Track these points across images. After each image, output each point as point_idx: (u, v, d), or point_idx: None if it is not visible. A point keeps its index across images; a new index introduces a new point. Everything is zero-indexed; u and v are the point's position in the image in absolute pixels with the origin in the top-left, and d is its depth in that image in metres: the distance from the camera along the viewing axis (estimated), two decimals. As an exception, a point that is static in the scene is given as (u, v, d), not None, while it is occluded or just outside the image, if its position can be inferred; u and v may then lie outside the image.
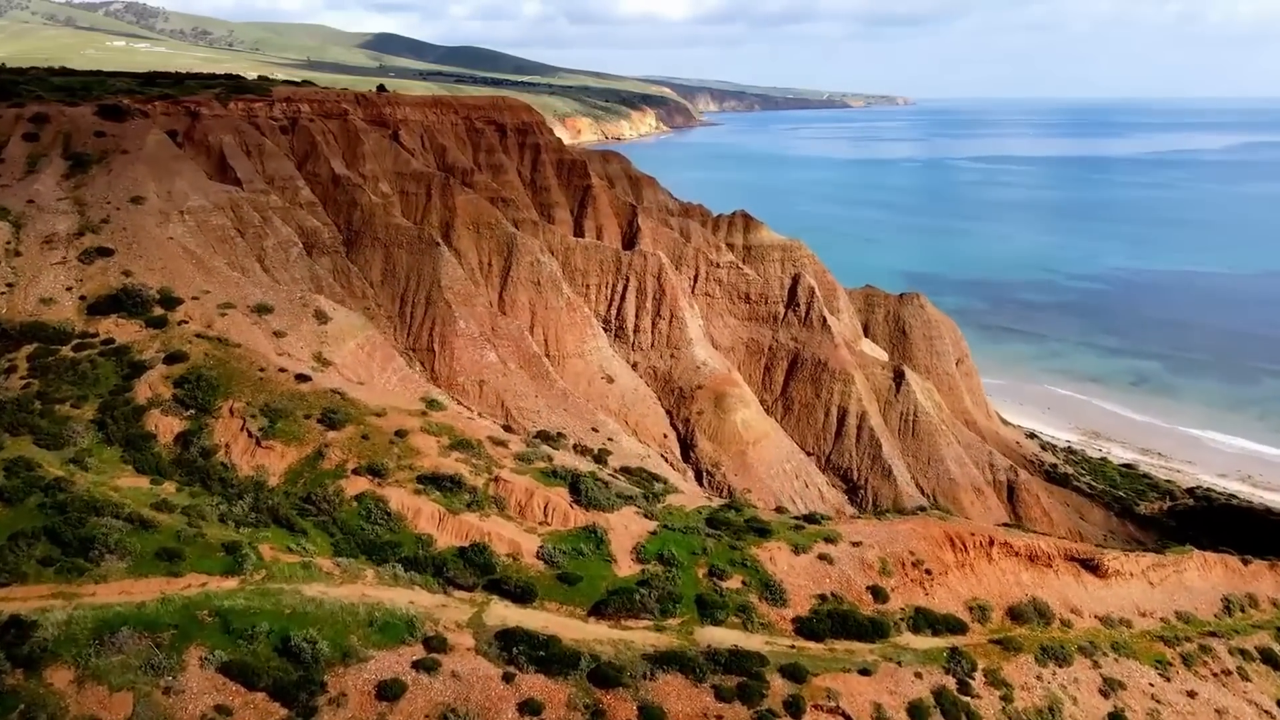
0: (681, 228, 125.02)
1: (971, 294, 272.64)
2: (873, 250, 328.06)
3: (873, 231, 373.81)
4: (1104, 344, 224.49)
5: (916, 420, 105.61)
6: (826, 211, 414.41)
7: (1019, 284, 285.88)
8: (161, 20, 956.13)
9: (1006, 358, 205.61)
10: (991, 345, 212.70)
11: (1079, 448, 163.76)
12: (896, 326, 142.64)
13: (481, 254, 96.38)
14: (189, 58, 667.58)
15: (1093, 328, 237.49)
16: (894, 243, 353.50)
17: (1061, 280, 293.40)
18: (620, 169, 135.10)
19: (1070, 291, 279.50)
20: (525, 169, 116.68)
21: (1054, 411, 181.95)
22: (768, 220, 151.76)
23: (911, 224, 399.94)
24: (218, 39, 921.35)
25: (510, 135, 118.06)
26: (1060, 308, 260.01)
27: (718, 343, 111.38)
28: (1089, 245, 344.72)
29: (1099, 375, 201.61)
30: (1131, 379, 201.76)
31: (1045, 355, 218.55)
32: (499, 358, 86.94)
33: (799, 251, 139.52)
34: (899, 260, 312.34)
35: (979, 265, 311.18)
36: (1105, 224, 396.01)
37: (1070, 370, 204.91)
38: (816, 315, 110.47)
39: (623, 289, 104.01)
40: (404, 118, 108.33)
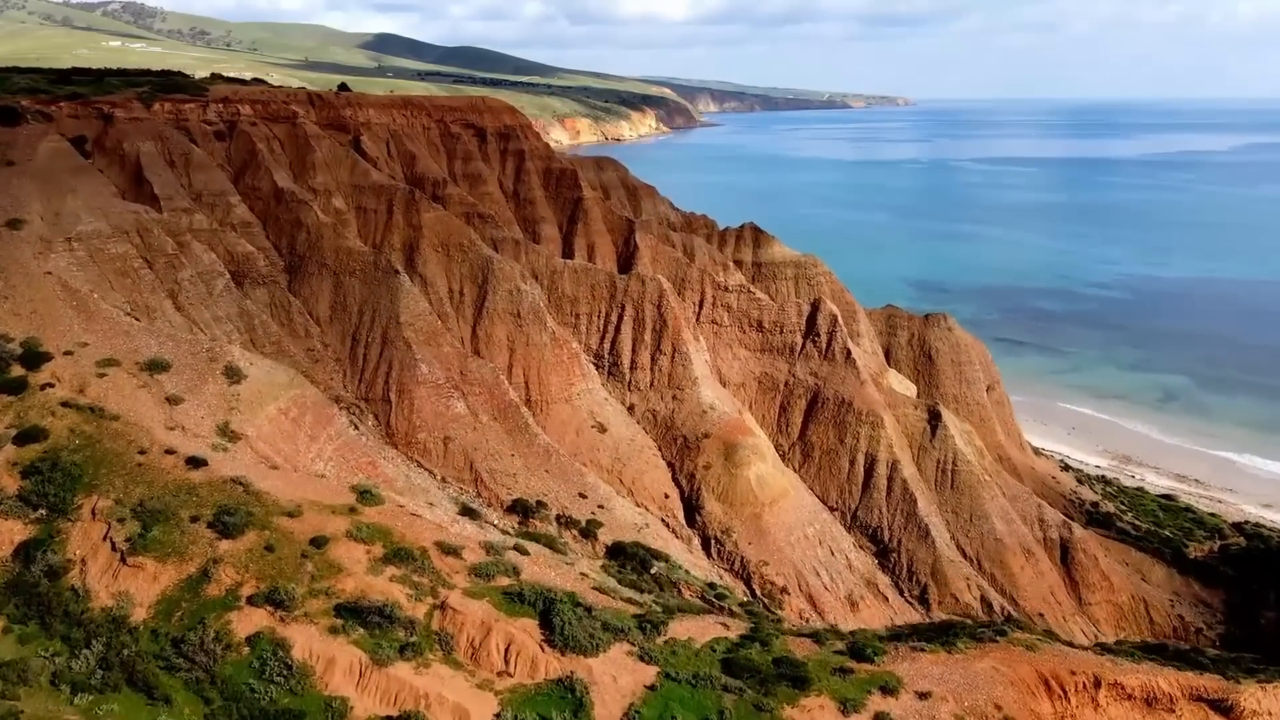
0: (685, 244, 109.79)
1: (984, 303, 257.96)
2: (879, 256, 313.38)
3: (878, 236, 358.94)
4: (1127, 357, 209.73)
5: (955, 469, 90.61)
6: (830, 215, 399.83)
7: (1033, 292, 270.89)
8: (159, 20, 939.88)
9: (1026, 373, 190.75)
10: (1009, 359, 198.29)
11: (1111, 475, 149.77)
12: (921, 351, 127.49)
13: (452, 281, 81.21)
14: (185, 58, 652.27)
15: (1113, 339, 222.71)
16: (900, 248, 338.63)
17: (1077, 288, 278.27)
18: (616, 177, 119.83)
19: (1087, 300, 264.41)
20: (507, 179, 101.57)
21: (1080, 433, 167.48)
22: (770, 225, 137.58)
23: (917, 228, 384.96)
24: (215, 39, 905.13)
25: (491, 141, 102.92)
26: (1078, 318, 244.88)
27: (726, 378, 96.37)
28: (1101, 250, 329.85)
29: (1124, 392, 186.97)
30: (1158, 396, 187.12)
31: (1066, 370, 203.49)
32: (468, 408, 71.86)
33: (814, 269, 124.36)
34: (906, 267, 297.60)
35: (989, 272, 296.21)
36: (1116, 228, 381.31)
37: (1093, 387, 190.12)
38: (839, 347, 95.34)
39: (617, 319, 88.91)
40: (367, 121, 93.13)
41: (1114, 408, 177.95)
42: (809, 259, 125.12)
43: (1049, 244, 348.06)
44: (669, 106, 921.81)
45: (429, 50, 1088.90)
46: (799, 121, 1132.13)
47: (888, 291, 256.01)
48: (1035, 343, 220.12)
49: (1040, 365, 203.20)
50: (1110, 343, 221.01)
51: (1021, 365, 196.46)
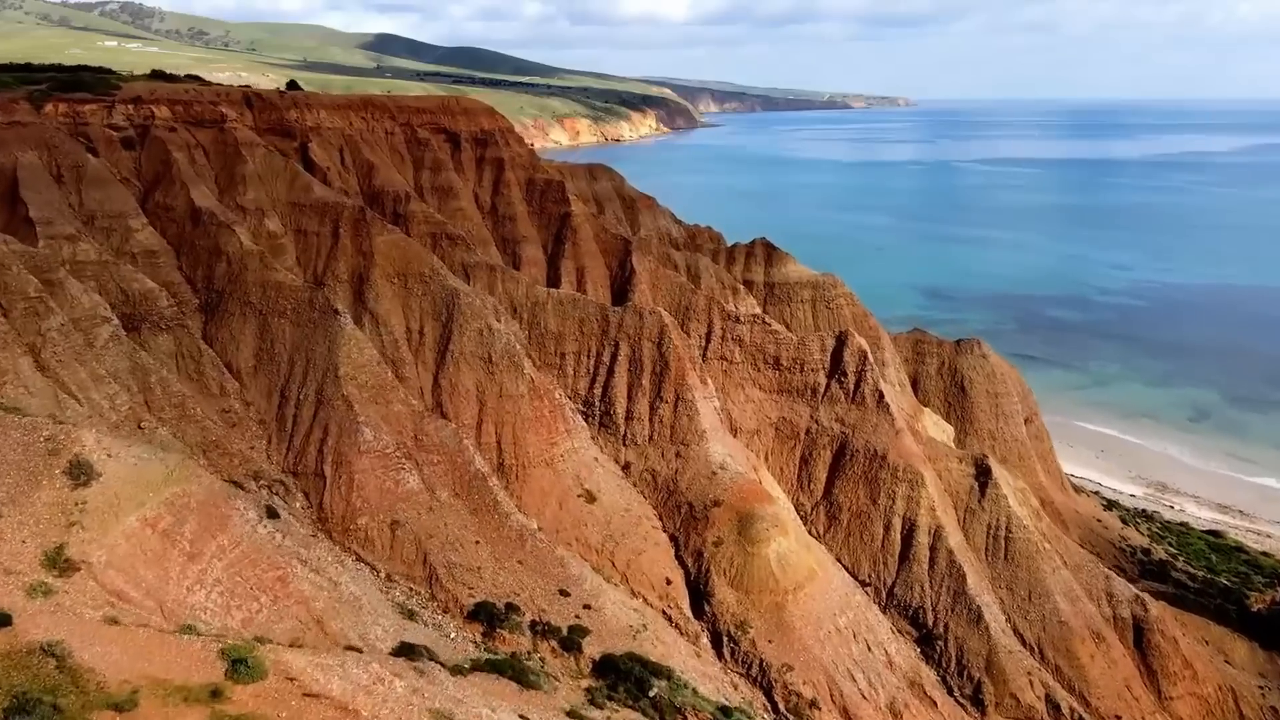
0: (689, 265, 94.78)
1: (996, 312, 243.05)
2: (883, 261, 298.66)
3: (882, 240, 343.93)
4: (1150, 372, 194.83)
5: (1010, 536, 75.70)
6: (832, 218, 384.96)
7: (1045, 300, 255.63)
8: (157, 20, 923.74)
9: (1045, 389, 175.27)
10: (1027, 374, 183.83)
11: (1150, 508, 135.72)
12: (953, 381, 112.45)
13: (410, 319, 66.16)
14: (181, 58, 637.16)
15: (1134, 352, 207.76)
16: (906, 252, 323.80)
17: (1090, 295, 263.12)
18: (610, 187, 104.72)
19: (1101, 309, 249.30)
20: (484, 192, 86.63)
21: (1108, 457, 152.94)
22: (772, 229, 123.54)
23: (922, 231, 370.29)
24: (214, 39, 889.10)
25: (465, 147, 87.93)
26: (1094, 328, 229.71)
27: (738, 424, 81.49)
28: (1113, 255, 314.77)
29: (1151, 410, 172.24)
30: (1189, 414, 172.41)
31: (1087, 385, 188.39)
32: (423, 482, 56.98)
33: (834, 290, 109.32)
34: (912, 273, 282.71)
35: (998, 278, 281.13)
36: (1125, 231, 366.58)
37: (1117, 404, 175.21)
38: (869, 388, 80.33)
39: (610, 360, 73.93)
40: (317, 125, 78.16)
41: (1142, 428, 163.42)
42: (828, 279, 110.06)
43: (1058, 248, 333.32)
44: (669, 107, 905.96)
45: (429, 51, 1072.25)
46: (800, 122, 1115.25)
47: (895, 300, 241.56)
48: (1053, 356, 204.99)
49: (1060, 381, 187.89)
50: (1130, 355, 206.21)
51: (1041, 381, 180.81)
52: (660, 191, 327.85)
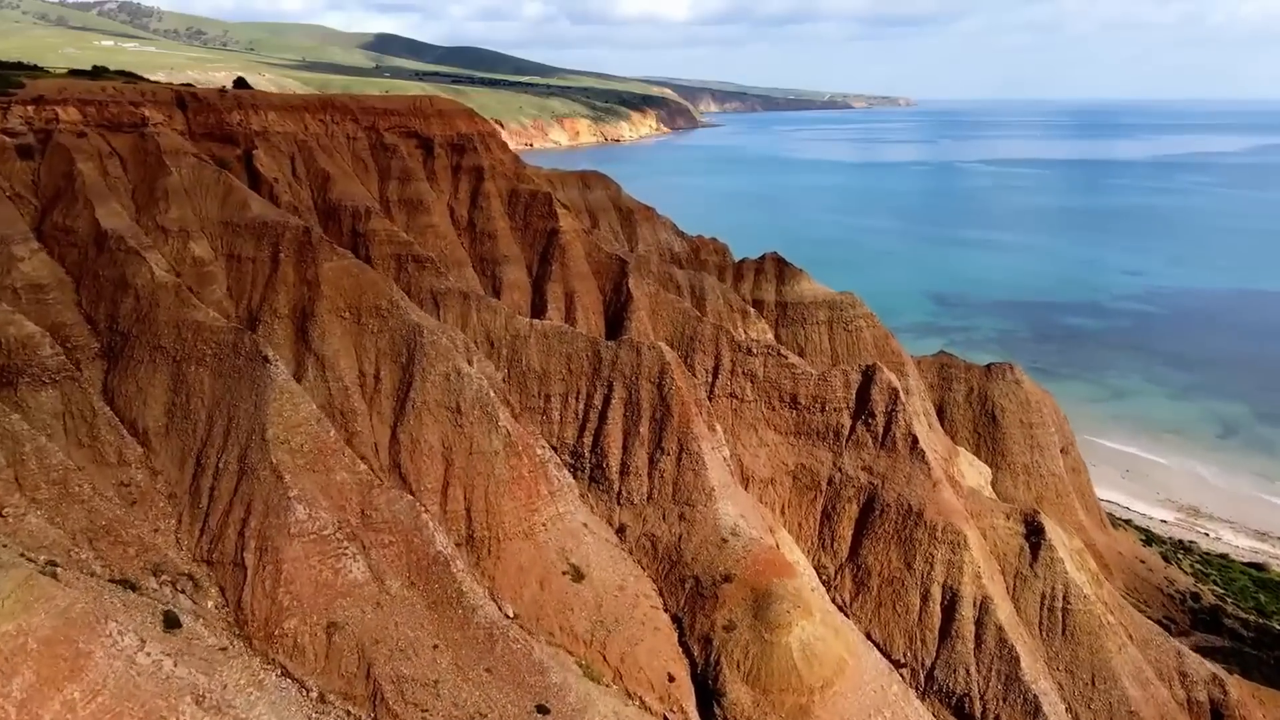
0: (693, 286, 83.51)
1: (1008, 319, 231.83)
2: (889, 266, 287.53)
3: (887, 244, 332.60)
4: (1172, 383, 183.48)
5: (1068, 609, 64.60)
6: (835, 220, 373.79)
7: (1060, 307, 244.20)
8: (155, 20, 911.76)
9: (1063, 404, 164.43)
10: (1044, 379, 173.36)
11: (1185, 536, 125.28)
12: (983, 410, 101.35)
13: (364, 361, 54.98)
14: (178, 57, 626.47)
15: (1154, 362, 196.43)
16: (912, 256, 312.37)
17: (1105, 302, 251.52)
18: (606, 197, 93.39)
19: (1117, 316, 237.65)
20: (461, 205, 75.37)
21: (1134, 478, 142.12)
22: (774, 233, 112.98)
23: (928, 234, 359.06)
24: (212, 39, 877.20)
25: (440, 154, 76.70)
26: (1111, 337, 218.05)
27: (750, 472, 70.42)
28: (1125, 259, 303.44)
29: (1177, 425, 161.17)
30: (1217, 430, 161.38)
31: (1107, 398, 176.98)
32: (370, 570, 45.91)
33: (852, 310, 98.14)
34: (920, 278, 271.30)
35: (1009, 284, 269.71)
36: (1136, 234, 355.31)
37: (1140, 419, 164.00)
38: (901, 432, 69.14)
39: (603, 403, 62.81)
40: (264, 130, 66.93)
41: (1168, 446, 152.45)
42: (845, 298, 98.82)
43: (1068, 251, 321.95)
44: (670, 107, 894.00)
45: (428, 51, 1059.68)
46: (800, 122, 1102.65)
47: (904, 307, 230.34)
48: (1069, 367, 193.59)
49: (1079, 395, 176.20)
50: (1150, 366, 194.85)
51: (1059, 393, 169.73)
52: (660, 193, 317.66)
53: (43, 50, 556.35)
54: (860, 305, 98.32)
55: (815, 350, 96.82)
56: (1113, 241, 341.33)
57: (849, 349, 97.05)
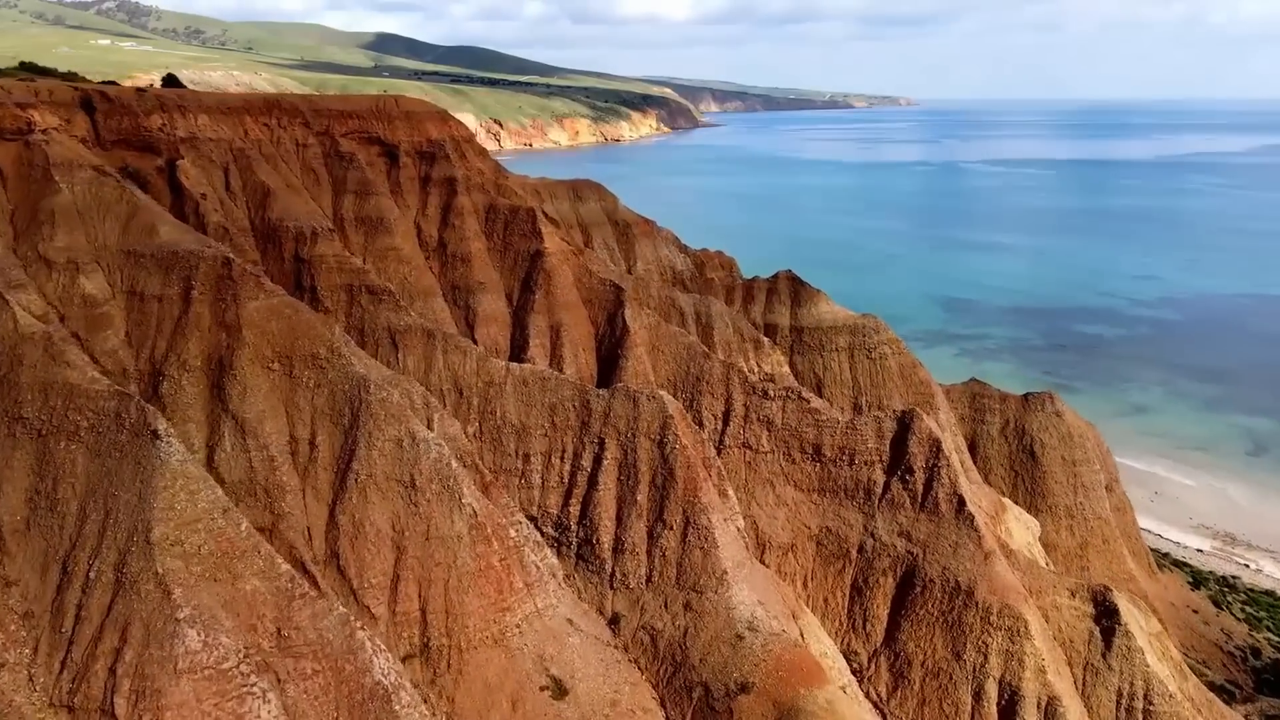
0: (699, 313, 72.42)
1: (1019, 327, 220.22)
2: (895, 269, 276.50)
3: (893, 246, 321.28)
4: (1196, 396, 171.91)
5: (1150, 709, 53.55)
6: (839, 222, 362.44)
7: (1073, 313, 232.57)
8: (154, 19, 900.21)
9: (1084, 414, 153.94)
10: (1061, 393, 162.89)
11: (1225, 569, 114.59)
12: (1020, 445, 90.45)
13: (296, 423, 43.99)
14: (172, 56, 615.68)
15: (1175, 373, 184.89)
16: (919, 260, 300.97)
17: (1122, 308, 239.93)
18: (600, 209, 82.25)
19: (1136, 323, 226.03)
20: (430, 223, 64.28)
21: (1164, 501, 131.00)
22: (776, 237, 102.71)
23: (934, 236, 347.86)
24: (210, 38, 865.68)
25: (406, 163, 65.64)
26: (1130, 346, 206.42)
27: (767, 537, 59.55)
28: (1140, 262, 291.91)
29: (1203, 441, 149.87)
30: (1246, 447, 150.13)
31: (1129, 413, 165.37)
32: (286, 714, 35.08)
33: (875, 336, 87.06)
34: (928, 282, 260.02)
35: (1020, 289, 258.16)
36: (1150, 236, 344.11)
37: (1166, 435, 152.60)
38: (945, 492, 58.15)
39: (593, 463, 51.91)
40: (192, 136, 55.83)
41: (1196, 464, 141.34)
42: (868, 322, 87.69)
43: (1079, 255, 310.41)
44: (670, 107, 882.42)
45: (428, 50, 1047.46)
46: (801, 122, 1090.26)
47: (912, 313, 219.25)
48: (1086, 379, 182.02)
49: (1099, 408, 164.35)
50: (1171, 377, 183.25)
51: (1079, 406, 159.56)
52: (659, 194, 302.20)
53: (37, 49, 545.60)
54: (884, 330, 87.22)
55: (835, 381, 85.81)
56: (1124, 244, 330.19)
57: (873, 379, 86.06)
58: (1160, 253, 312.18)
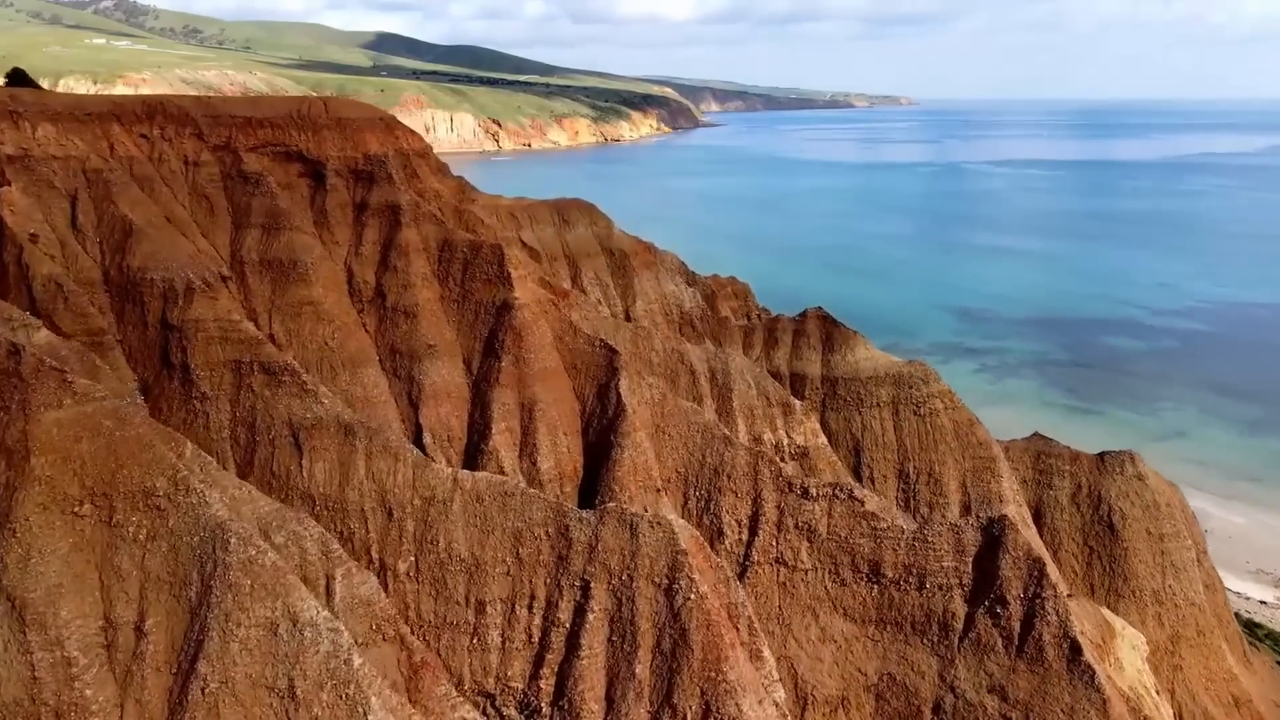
0: (713, 370, 56.36)
1: (1039, 339, 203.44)
2: (903, 276, 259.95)
3: (901, 251, 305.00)
4: (1235, 417, 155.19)
5: None
6: (844, 226, 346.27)
7: (1094, 324, 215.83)
8: (151, 18, 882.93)
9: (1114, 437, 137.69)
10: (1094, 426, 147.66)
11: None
12: (1096, 516, 74.13)
13: (112, 602, 28.24)
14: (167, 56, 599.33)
15: (1209, 390, 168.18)
16: (928, 265, 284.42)
17: (1144, 318, 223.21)
18: (591, 236, 66.12)
19: (1161, 335, 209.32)
20: (364, 265, 48.00)
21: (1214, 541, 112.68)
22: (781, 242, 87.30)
23: (943, 240, 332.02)
24: (208, 37, 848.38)
25: (336, 186, 49.41)
26: (1157, 360, 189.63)
27: (808, 686, 43.78)
28: (1158, 268, 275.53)
29: (1255, 472, 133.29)
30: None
31: (1166, 436, 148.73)
32: None
33: (924, 387, 70.78)
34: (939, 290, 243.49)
35: (1035, 297, 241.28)
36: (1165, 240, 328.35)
37: (1210, 462, 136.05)
38: (1052, 634, 42.27)
39: (573, 616, 36.15)
40: (27, 152, 39.77)
41: (1247, 498, 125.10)
42: (915, 370, 71.44)
43: (1094, 260, 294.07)
44: (671, 106, 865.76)
45: (428, 50, 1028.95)
46: (802, 121, 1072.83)
47: (924, 324, 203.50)
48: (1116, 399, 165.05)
49: (1133, 431, 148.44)
50: (1206, 396, 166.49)
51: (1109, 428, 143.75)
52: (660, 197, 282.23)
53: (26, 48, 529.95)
54: (934, 380, 71.02)
55: (876, 444, 69.75)
56: (1138, 249, 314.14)
57: (921, 441, 70.00)
58: (1177, 258, 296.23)
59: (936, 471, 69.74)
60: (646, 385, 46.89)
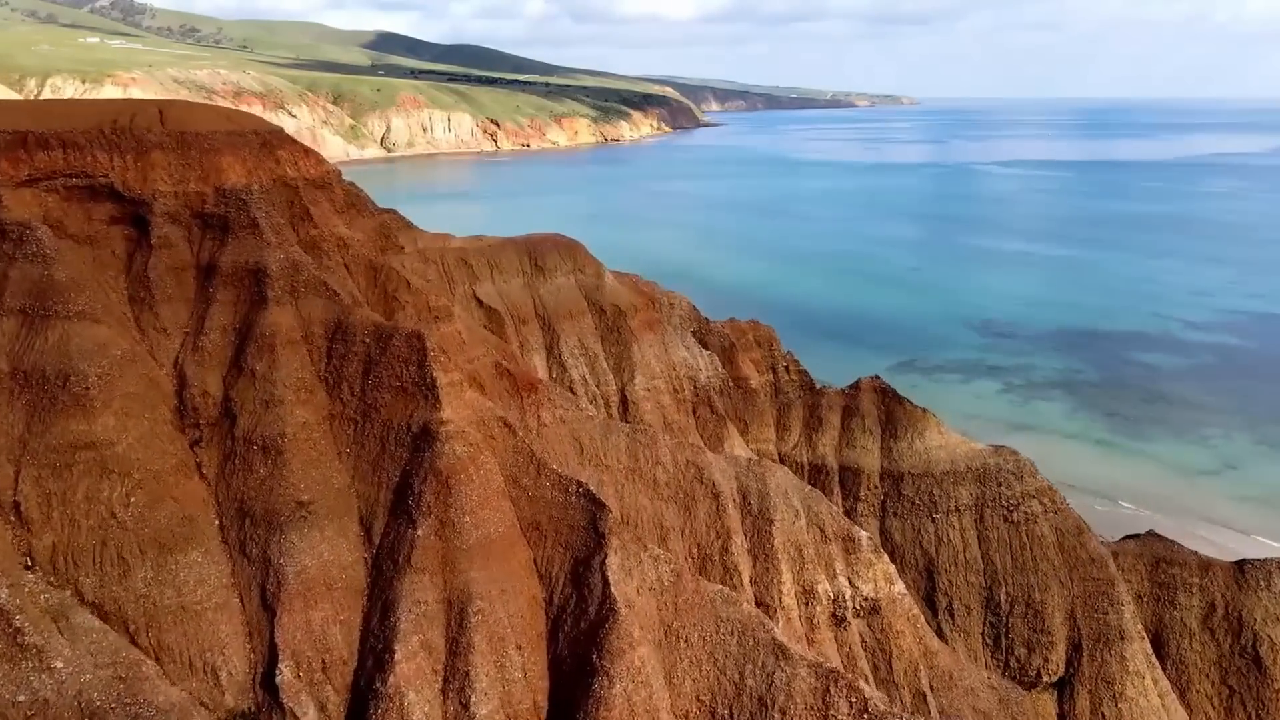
0: (744, 492, 38.27)
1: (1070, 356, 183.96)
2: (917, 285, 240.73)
3: (910, 257, 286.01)
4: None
5: None
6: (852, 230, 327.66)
7: (1126, 339, 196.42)
8: (148, 17, 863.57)
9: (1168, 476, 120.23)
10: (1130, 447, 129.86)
11: None
12: (1235, 644, 56.78)
13: None
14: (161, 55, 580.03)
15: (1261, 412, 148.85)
16: (943, 273, 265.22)
17: (1178, 331, 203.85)
18: (573, 286, 47.88)
19: (1199, 350, 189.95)
20: (204, 367, 29.39)
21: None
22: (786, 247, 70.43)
23: (956, 246, 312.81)
24: (205, 36, 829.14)
25: (168, 238, 30.73)
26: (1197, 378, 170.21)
27: None
28: (1187, 276, 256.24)
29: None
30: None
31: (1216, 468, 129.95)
32: None
33: (1017, 485, 52.66)
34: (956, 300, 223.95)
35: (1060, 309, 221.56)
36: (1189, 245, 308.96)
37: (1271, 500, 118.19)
38: None
39: None
40: None
41: None
42: (1005, 461, 53.14)
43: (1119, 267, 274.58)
44: (672, 106, 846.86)
45: (428, 49, 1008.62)
46: (804, 121, 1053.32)
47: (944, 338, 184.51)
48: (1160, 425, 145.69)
49: (1177, 461, 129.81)
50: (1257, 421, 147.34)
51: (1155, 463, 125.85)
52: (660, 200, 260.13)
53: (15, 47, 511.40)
54: (1029, 474, 52.91)
55: (954, 562, 51.64)
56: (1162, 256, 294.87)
57: (1015, 557, 52.00)
58: (1205, 266, 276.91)
59: (1036, 599, 51.65)
60: (650, 561, 28.69)
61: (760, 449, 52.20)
